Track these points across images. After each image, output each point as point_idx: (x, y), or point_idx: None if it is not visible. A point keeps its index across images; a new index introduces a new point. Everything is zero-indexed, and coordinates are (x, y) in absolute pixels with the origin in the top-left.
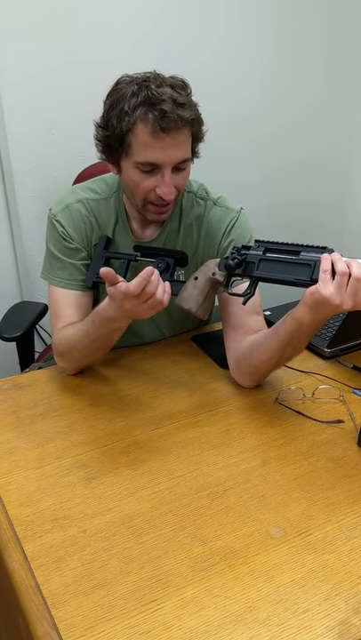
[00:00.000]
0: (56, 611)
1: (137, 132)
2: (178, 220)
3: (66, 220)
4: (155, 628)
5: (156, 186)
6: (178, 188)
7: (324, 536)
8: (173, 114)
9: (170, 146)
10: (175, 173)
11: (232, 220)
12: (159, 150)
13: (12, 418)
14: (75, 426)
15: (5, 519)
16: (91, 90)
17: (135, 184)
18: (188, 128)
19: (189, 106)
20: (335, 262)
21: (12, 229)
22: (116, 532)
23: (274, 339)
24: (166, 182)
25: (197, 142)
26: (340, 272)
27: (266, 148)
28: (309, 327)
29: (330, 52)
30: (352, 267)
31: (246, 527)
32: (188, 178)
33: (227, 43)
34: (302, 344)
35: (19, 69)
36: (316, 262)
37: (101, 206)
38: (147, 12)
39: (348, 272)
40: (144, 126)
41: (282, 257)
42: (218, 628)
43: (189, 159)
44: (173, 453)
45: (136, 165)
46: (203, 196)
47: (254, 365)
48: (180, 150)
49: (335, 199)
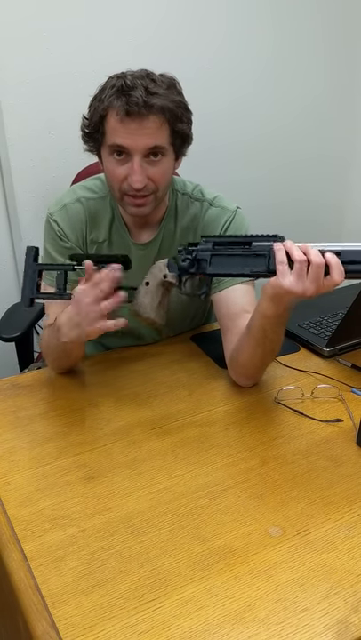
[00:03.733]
0: (55, 610)
1: (108, 118)
2: (174, 222)
3: (62, 219)
4: (154, 627)
5: (128, 174)
6: (153, 180)
7: (323, 535)
8: (140, 99)
9: (136, 131)
10: (149, 164)
11: (228, 220)
12: (125, 135)
13: (11, 418)
14: (74, 426)
15: (4, 519)
16: (89, 90)
17: (110, 172)
18: (158, 116)
19: (163, 96)
20: (291, 251)
21: (10, 230)
22: (115, 532)
23: (249, 336)
24: (135, 170)
25: (180, 138)
26: (299, 260)
27: (266, 148)
28: (276, 318)
29: (331, 54)
30: (310, 254)
31: (245, 526)
32: (166, 171)
33: (228, 43)
34: (277, 335)
35: (17, 70)
36: (270, 252)
37: (98, 205)
38: (147, 12)
39: (305, 259)
40: (113, 112)
41: (234, 250)
42: (217, 627)
43: (163, 148)
44: (172, 453)
45: (109, 151)
46: (198, 197)
47: (241, 364)
48: (148, 137)
49: (334, 199)
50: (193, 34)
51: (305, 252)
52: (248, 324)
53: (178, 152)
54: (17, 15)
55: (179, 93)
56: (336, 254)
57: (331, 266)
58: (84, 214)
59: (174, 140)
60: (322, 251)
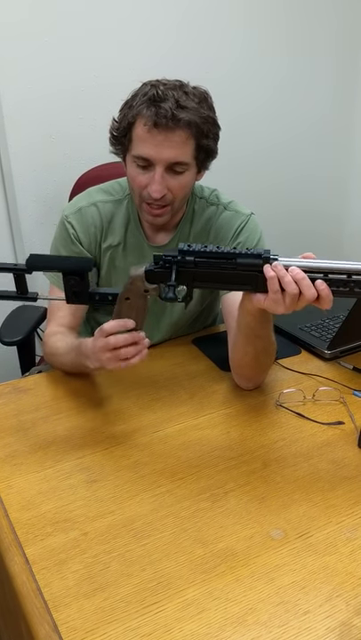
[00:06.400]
0: (57, 614)
1: (136, 126)
2: (189, 225)
3: (77, 222)
4: (156, 630)
5: (149, 183)
6: (172, 192)
7: (324, 538)
8: (169, 112)
9: (162, 143)
10: (170, 175)
11: (241, 224)
12: (151, 146)
13: (13, 421)
14: (76, 429)
15: (7, 522)
16: (90, 95)
17: (132, 178)
18: (185, 130)
19: (192, 110)
20: (283, 282)
21: (12, 234)
22: (118, 535)
23: (239, 335)
24: (155, 180)
25: (204, 152)
26: (292, 295)
27: (271, 161)
28: (262, 316)
29: (333, 64)
30: (303, 287)
31: (247, 529)
32: (186, 185)
33: (241, 62)
34: (265, 331)
35: (19, 75)
36: (259, 275)
37: (114, 208)
38: (151, 20)
39: (298, 293)
40: (142, 121)
41: (219, 265)
42: (219, 630)
43: (187, 164)
44: (174, 456)
45: (133, 159)
46: (214, 201)
47: (237, 365)
48: (172, 150)
49: (334, 211)
50: (198, 47)
51: (298, 283)
52: (237, 323)
53: (201, 166)
54: (19, 22)
55: (209, 108)
56: (325, 279)
57: (321, 297)
58: (99, 219)
59: (198, 154)
60: (310, 273)
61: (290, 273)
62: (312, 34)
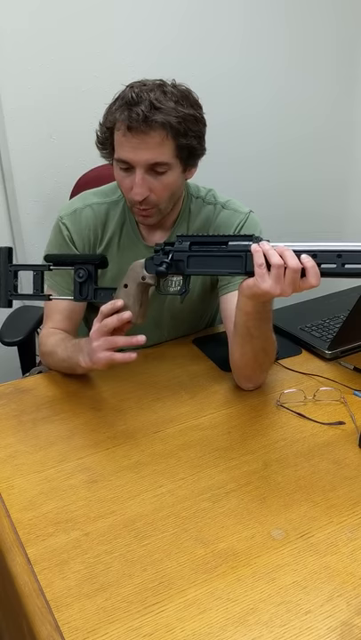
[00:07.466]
0: (59, 614)
1: (115, 130)
2: (186, 225)
3: (72, 224)
4: (157, 630)
5: (132, 186)
6: (156, 193)
7: (325, 537)
8: (141, 115)
9: (138, 146)
10: (152, 177)
11: (241, 222)
12: (128, 149)
13: (14, 422)
14: (77, 429)
15: (8, 523)
16: (91, 95)
17: (119, 182)
18: (160, 132)
19: (168, 110)
20: (268, 255)
21: (12, 234)
22: (119, 535)
23: (236, 335)
24: (136, 182)
25: (186, 151)
26: (276, 265)
27: (271, 162)
28: (257, 314)
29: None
30: (287, 258)
31: (248, 529)
32: (170, 185)
33: (242, 63)
34: (262, 331)
35: (19, 75)
36: (247, 254)
37: (110, 209)
38: (150, 22)
39: (283, 264)
40: (119, 124)
41: (211, 250)
42: (220, 630)
43: (167, 164)
44: (175, 456)
45: (117, 163)
46: (211, 200)
47: (237, 365)
48: (149, 152)
49: (335, 213)
50: (198, 48)
51: (282, 256)
52: (234, 323)
53: (185, 164)
54: (18, 20)
55: (191, 105)
56: (312, 256)
57: (307, 269)
58: (94, 221)
59: (180, 153)
60: (298, 252)
61: (274, 248)
62: (314, 35)
